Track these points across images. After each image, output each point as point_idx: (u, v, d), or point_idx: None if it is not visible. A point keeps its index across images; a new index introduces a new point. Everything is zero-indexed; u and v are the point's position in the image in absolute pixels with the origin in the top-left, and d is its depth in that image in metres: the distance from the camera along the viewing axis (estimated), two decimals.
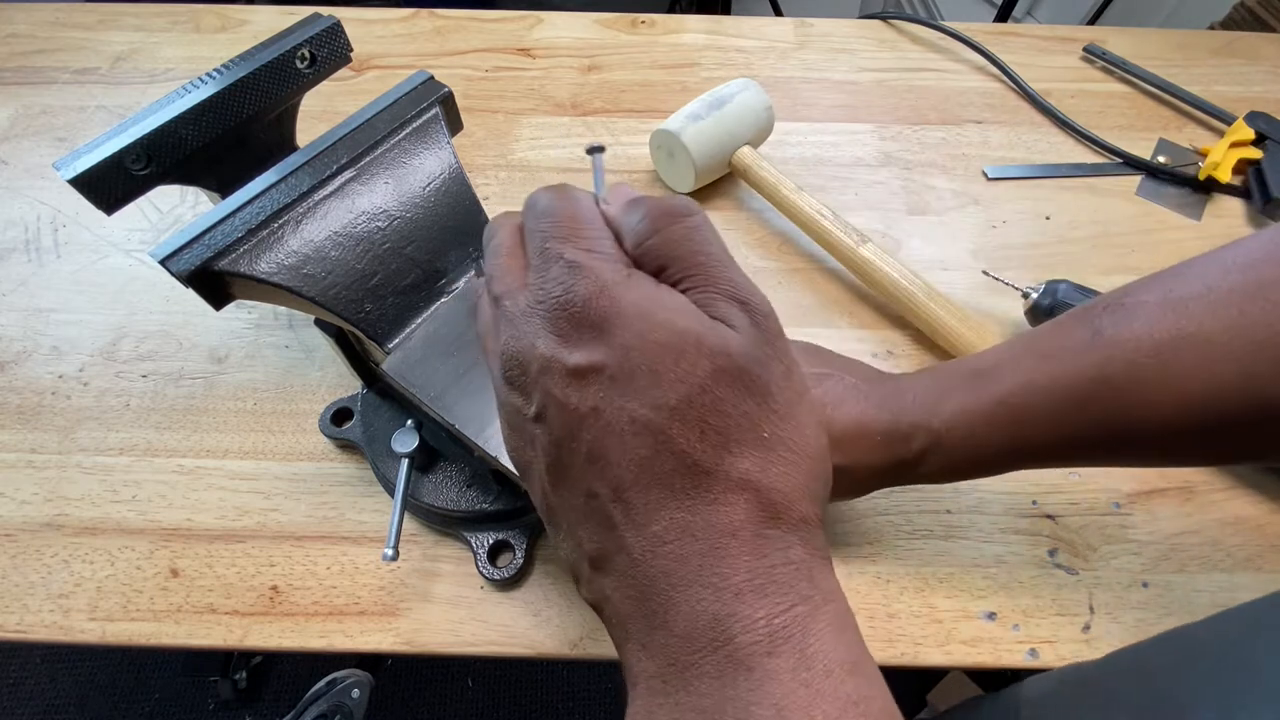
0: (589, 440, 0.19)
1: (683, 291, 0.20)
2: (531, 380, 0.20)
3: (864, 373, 0.35)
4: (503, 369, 0.21)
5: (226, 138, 0.36)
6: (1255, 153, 0.56)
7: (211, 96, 0.35)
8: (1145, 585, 0.37)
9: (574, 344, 0.19)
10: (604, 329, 0.19)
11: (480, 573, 0.36)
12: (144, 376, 0.45)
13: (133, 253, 0.51)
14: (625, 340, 0.19)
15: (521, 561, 0.36)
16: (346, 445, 0.41)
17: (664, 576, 0.18)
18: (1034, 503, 0.40)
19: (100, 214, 0.34)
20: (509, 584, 0.37)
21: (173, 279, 0.32)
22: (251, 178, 0.34)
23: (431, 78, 0.39)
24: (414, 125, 0.37)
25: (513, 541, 0.37)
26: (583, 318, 0.19)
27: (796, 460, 0.19)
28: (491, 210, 0.37)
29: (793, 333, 0.47)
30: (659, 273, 0.21)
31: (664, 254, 0.21)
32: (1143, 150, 0.58)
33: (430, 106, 0.38)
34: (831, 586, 0.19)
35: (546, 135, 0.59)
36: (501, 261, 0.23)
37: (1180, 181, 0.57)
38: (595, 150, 0.26)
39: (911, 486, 0.40)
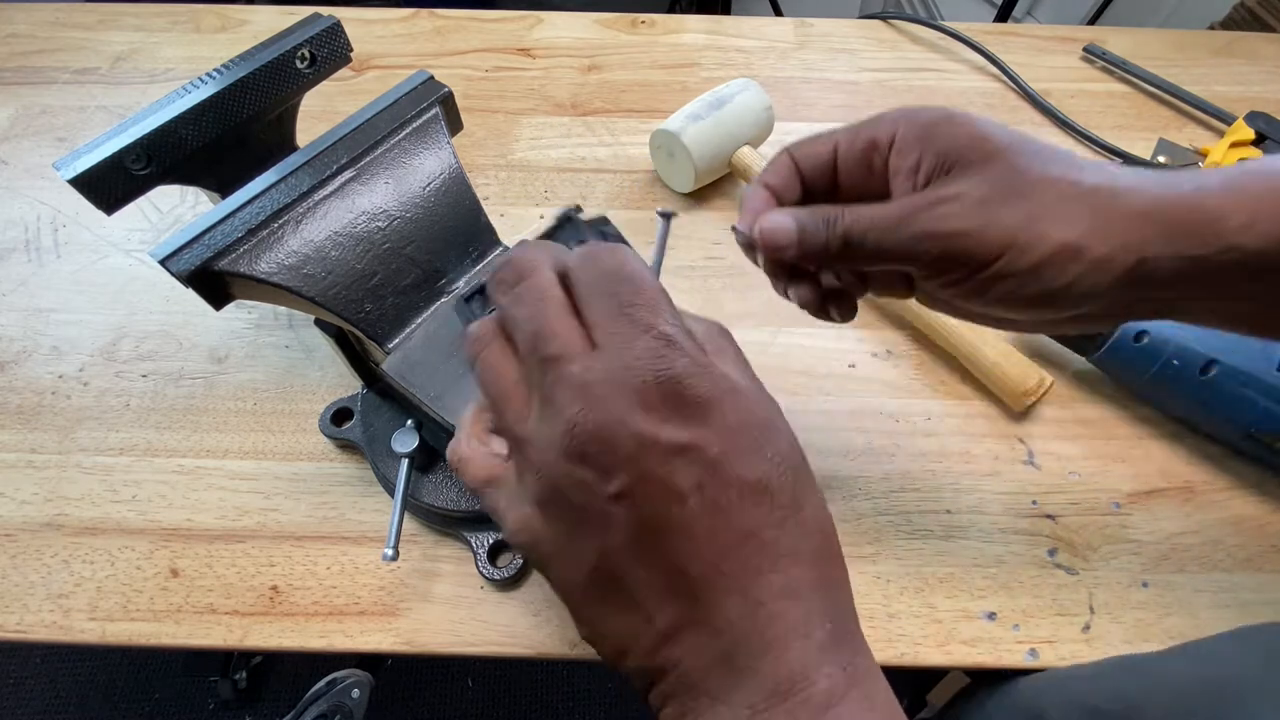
0: (688, 515, 0.19)
1: None
2: (622, 457, 0.19)
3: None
4: (572, 442, 0.19)
5: (226, 138, 0.36)
6: (1255, 153, 0.56)
7: (211, 96, 0.35)
8: (1145, 585, 0.37)
9: (675, 421, 0.19)
10: (707, 408, 0.19)
11: (480, 573, 0.36)
12: (144, 376, 0.45)
13: (133, 253, 0.51)
14: (729, 419, 0.20)
15: (521, 561, 0.36)
16: (346, 445, 0.41)
17: (758, 634, 0.19)
18: (1034, 503, 0.40)
19: (100, 214, 0.34)
20: (509, 584, 0.37)
21: (173, 279, 0.32)
22: (251, 178, 0.34)
23: (431, 78, 0.39)
24: (414, 125, 0.37)
25: None
26: (682, 395, 0.19)
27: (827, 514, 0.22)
28: (491, 210, 0.37)
29: (792, 332, 0.47)
30: None
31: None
32: (1143, 150, 0.58)
33: (430, 106, 0.38)
34: (865, 641, 0.22)
35: (546, 135, 0.59)
36: (555, 316, 0.21)
37: None
38: (667, 215, 0.26)
39: (910, 487, 0.40)
